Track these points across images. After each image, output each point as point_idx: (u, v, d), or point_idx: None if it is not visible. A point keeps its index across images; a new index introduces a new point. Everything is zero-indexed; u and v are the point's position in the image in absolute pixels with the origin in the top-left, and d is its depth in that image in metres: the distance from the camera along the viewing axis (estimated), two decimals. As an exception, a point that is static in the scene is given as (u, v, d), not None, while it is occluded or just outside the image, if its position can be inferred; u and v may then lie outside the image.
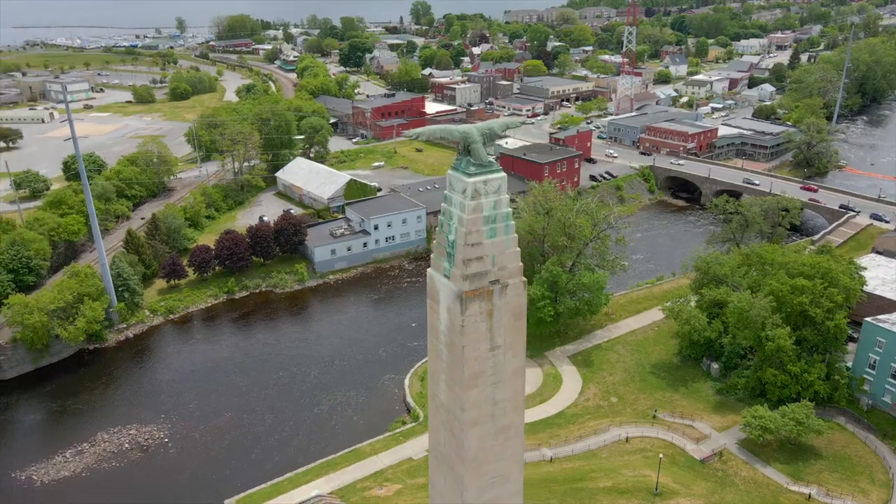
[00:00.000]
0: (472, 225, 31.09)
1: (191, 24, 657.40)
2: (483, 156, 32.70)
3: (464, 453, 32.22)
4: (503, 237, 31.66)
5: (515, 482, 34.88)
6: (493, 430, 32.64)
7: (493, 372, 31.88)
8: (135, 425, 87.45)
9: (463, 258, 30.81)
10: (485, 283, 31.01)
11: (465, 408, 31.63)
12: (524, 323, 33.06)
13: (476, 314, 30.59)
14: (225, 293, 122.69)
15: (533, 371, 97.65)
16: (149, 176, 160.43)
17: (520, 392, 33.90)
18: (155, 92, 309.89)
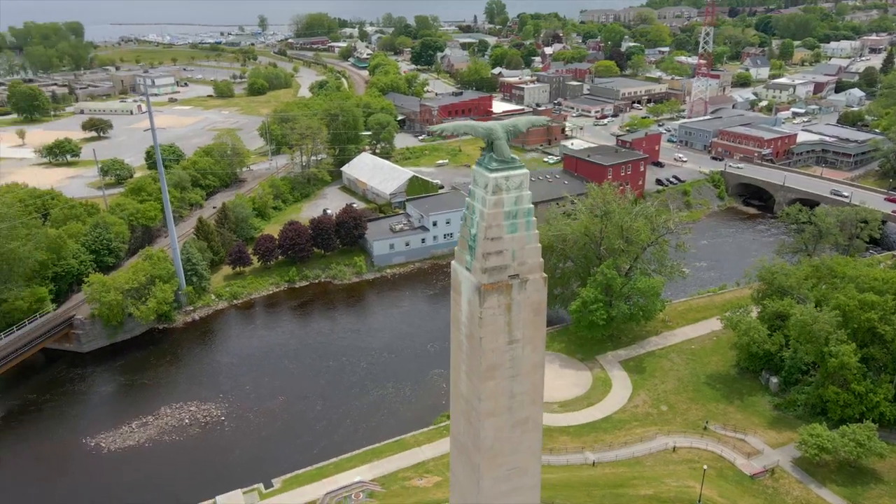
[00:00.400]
0: (492, 219, 31.73)
1: (272, 22, 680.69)
2: (506, 152, 33.24)
3: (480, 443, 32.89)
4: (524, 233, 32.18)
5: (533, 475, 35.19)
6: (510, 422, 33.14)
7: (511, 365, 32.38)
8: (195, 402, 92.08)
9: (483, 252, 31.51)
10: (504, 277, 31.58)
11: (482, 398, 32.28)
12: (544, 318, 33.35)
13: (494, 307, 31.20)
14: (286, 282, 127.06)
15: (582, 374, 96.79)
16: (222, 167, 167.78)
17: (538, 386, 34.20)
18: (234, 87, 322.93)
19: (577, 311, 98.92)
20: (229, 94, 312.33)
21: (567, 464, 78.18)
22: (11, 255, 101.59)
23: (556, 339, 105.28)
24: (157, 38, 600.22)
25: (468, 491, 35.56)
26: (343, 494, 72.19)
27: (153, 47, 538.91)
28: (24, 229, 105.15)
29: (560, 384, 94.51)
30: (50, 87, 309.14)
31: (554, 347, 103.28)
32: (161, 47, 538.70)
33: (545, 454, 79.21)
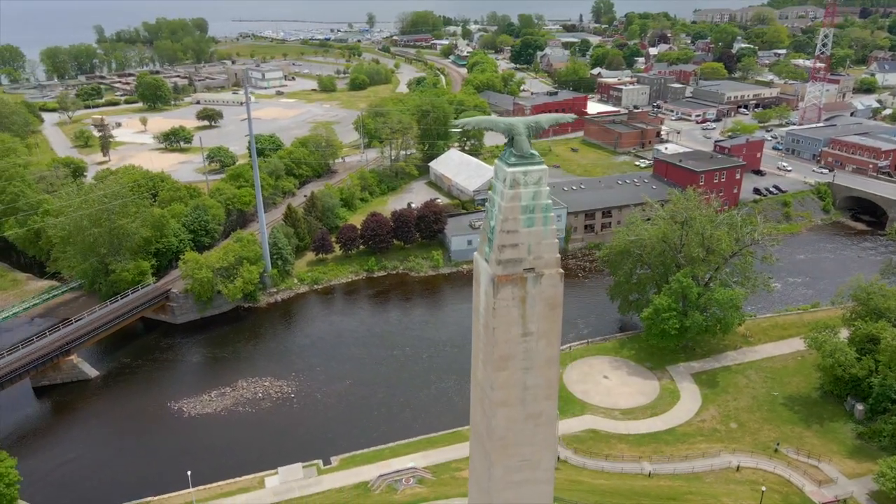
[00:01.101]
0: (508, 213, 32.45)
1: (380, 20, 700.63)
2: (525, 147, 33.68)
3: (492, 431, 33.59)
4: (541, 227, 32.66)
5: (546, 469, 35.43)
6: (522, 414, 33.60)
7: (525, 357, 32.87)
8: (269, 378, 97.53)
9: (499, 244, 32.36)
10: (518, 270, 32.16)
11: (495, 387, 33.00)
12: (559, 314, 33.51)
13: (508, 299, 31.85)
14: (365, 271, 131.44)
15: (650, 383, 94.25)
16: (316, 158, 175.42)
17: (553, 381, 34.39)
18: (337, 82, 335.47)
19: (648, 318, 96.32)
20: (332, 88, 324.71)
21: (622, 472, 76.69)
22: (121, 230, 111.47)
23: (627, 346, 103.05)
24: (272, 34, 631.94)
25: (482, 477, 36.36)
26: (395, 478, 74.46)
27: (268, 43, 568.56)
28: (133, 207, 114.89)
29: (625, 391, 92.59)
30: (173, 79, 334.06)
31: (623, 354, 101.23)
32: (275, 43, 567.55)
33: (600, 460, 78.40)
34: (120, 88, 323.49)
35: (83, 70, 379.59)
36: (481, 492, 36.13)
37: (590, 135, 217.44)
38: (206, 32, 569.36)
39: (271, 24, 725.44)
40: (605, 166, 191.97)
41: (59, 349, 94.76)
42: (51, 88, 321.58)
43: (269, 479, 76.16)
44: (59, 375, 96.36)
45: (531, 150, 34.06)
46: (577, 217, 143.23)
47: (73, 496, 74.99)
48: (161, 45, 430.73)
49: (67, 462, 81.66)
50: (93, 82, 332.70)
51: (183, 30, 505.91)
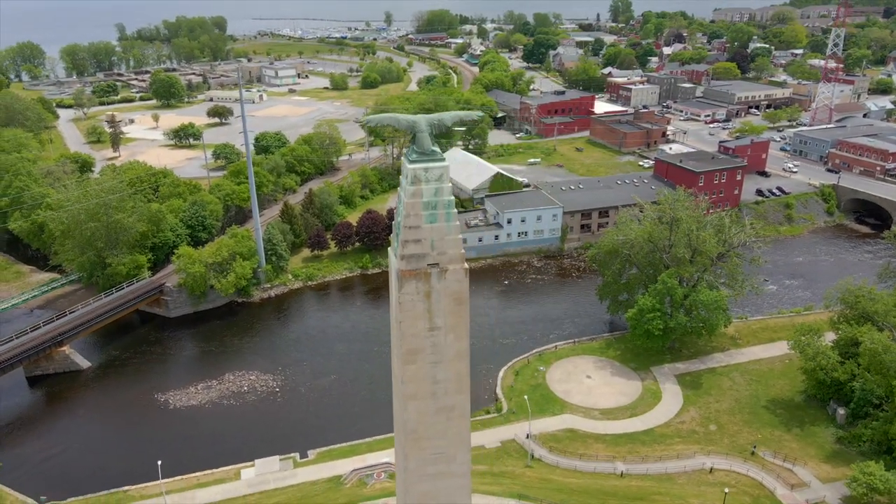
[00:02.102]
0: (410, 209, 33.02)
1: (397, 19, 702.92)
2: (426, 144, 34.19)
3: (404, 424, 34.27)
4: (443, 224, 33.12)
5: (462, 463, 35.98)
6: (434, 407, 34.14)
7: (433, 352, 33.41)
8: (256, 372, 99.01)
9: (402, 239, 32.93)
10: (422, 265, 32.71)
11: (405, 381, 33.66)
12: (466, 309, 34.03)
13: (412, 293, 32.45)
14: (360, 268, 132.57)
15: (632, 384, 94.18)
16: (319, 155, 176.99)
17: (464, 375, 34.94)
18: (349, 80, 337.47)
19: (633, 318, 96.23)
20: (344, 86, 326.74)
21: (594, 471, 76.85)
22: (117, 224, 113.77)
23: (613, 347, 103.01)
24: (290, 32, 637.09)
25: (399, 469, 37.07)
26: (367, 472, 75.44)
27: (285, 41, 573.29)
28: (130, 202, 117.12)
29: (606, 391, 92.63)
30: (188, 76, 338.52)
31: (609, 354, 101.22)
32: (292, 41, 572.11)
33: (574, 459, 78.64)
34: (136, 86, 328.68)
35: (102, 67, 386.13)
36: (400, 484, 36.85)
37: (595, 134, 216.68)
38: (224, 31, 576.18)
39: (290, 23, 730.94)
40: (609, 166, 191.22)
41: (51, 340, 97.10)
42: (69, 85, 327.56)
43: (245, 472, 77.51)
44: (52, 366, 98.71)
45: (433, 147, 34.57)
46: (574, 217, 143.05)
47: (56, 483, 76.82)
48: (178, 42, 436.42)
49: (53, 450, 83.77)
50: (110, 80, 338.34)
51: (201, 28, 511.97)
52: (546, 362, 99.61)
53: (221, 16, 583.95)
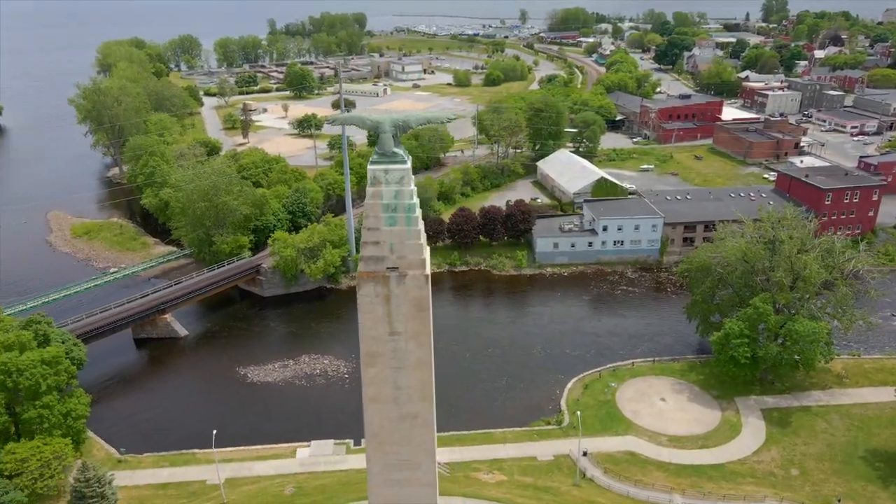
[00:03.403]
0: (369, 210, 32.55)
1: (532, 16, 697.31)
2: (387, 146, 33.19)
3: (367, 427, 33.98)
4: (403, 227, 32.14)
5: (427, 472, 35.07)
6: (396, 413, 33.47)
7: (394, 357, 32.76)
8: (330, 357, 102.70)
9: (362, 240, 32.52)
10: (381, 268, 32.10)
11: (366, 383, 33.42)
12: (428, 316, 32.94)
13: (371, 295, 32.05)
14: (448, 264, 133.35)
15: (710, 413, 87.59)
16: (425, 151, 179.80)
17: (427, 383, 33.89)
18: (472, 77, 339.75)
19: (718, 342, 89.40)
20: (466, 83, 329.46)
21: (647, 500, 72.35)
22: (224, 206, 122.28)
23: (696, 370, 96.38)
24: (426, 29, 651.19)
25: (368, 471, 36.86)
26: (412, 467, 75.75)
27: (419, 37, 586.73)
28: (238, 186, 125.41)
29: (679, 417, 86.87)
30: (322, 69, 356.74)
31: (689, 378, 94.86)
32: (426, 38, 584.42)
33: (628, 485, 74.66)
34: (275, 77, 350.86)
35: (248, 60, 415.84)
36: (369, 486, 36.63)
37: (719, 143, 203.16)
38: (364, 27, 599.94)
39: (426, 20, 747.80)
40: (729, 177, 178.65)
41: (155, 307, 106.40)
42: (218, 75, 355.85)
43: (301, 451, 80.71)
44: (156, 331, 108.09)
45: (394, 149, 33.61)
46: (675, 229, 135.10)
47: (137, 438, 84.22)
48: (318, 37, 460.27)
49: (142, 407, 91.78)
50: (253, 71, 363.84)
51: (342, 24, 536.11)
52: (619, 379, 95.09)
53: (362, 12, 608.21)
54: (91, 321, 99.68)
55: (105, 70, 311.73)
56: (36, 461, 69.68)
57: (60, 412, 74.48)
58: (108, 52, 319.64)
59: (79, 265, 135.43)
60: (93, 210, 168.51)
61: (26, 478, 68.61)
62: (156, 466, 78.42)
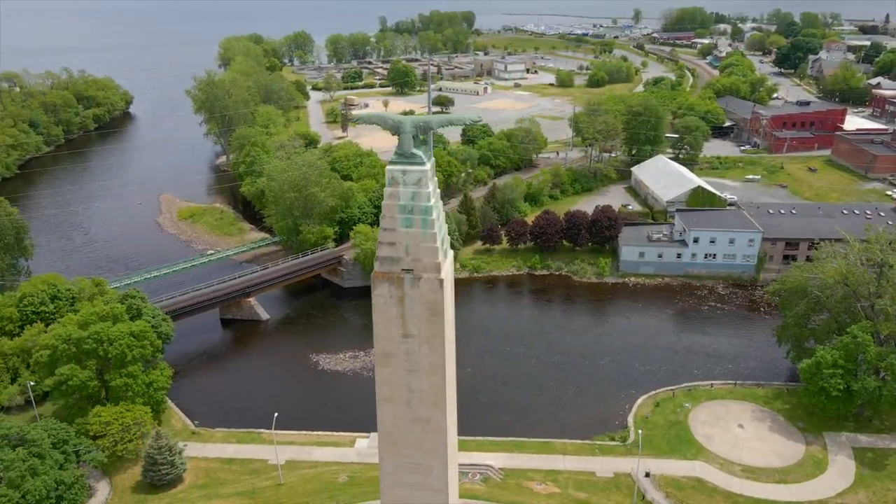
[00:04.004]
0: (386, 210, 32.31)
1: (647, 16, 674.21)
2: (406, 147, 32.53)
3: (379, 426, 33.75)
4: (419, 230, 31.66)
5: (438, 478, 34.32)
6: (409, 416, 33.02)
7: (407, 359, 32.36)
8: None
9: (378, 240, 32.14)
10: (396, 269, 31.75)
11: (379, 382, 33.23)
12: (442, 321, 32.06)
13: (385, 296, 31.73)
14: (528, 267, 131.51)
15: (793, 446, 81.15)
16: (516, 151, 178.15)
17: (440, 388, 33.03)
18: (575, 77, 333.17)
19: (807, 371, 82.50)
20: (569, 83, 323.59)
21: (711, 533, 68.03)
22: (312, 197, 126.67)
23: (782, 399, 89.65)
24: (534, 28, 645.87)
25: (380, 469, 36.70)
26: (464, 470, 75.23)
27: (526, 36, 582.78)
28: (326, 178, 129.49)
29: (756, 447, 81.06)
30: (426, 66, 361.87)
31: (774, 406, 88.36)
32: (533, 37, 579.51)
33: (690, 512, 70.46)
34: (379, 73, 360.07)
35: (357, 56, 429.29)
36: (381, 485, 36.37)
37: (838, 154, 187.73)
38: (472, 25, 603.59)
39: (535, 19, 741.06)
40: (845, 192, 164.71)
41: (241, 290, 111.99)
42: (326, 71, 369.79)
43: (360, 441, 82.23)
44: (240, 313, 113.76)
45: (413, 150, 32.91)
46: (776, 245, 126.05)
47: (212, 411, 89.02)
48: (424, 35, 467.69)
49: (221, 384, 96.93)
50: (359, 67, 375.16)
51: (450, 22, 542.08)
52: (695, 399, 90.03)
53: (471, 11, 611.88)
54: (182, 299, 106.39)
55: (225, 64, 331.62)
56: (118, 425, 75.13)
57: (144, 382, 79.85)
58: (228, 47, 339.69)
59: (181, 246, 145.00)
60: (199, 195, 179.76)
61: (108, 440, 74.14)
62: (224, 441, 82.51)
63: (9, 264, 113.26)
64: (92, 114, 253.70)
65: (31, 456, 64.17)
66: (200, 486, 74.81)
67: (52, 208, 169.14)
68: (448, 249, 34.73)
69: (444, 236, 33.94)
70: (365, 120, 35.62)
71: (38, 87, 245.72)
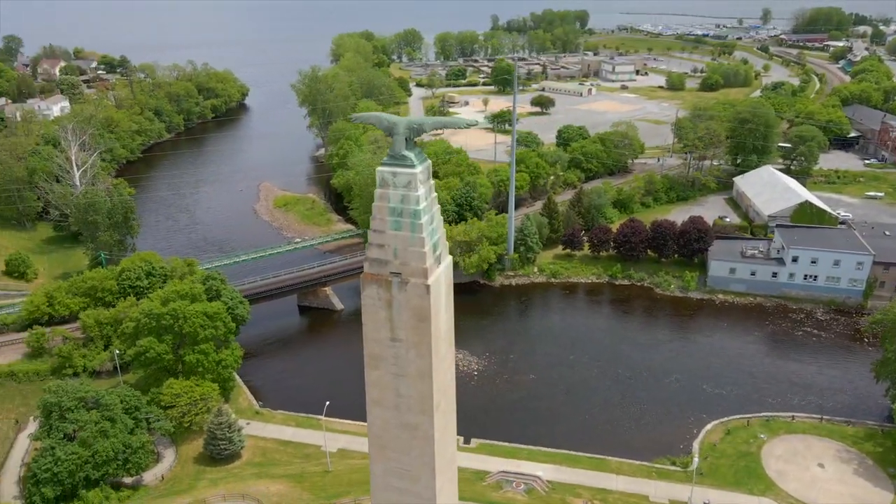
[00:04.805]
0: (376, 211, 31.90)
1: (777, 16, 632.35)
2: (398, 148, 31.73)
3: (369, 428, 33.43)
4: (408, 233, 31.04)
5: (426, 486, 33.54)
6: (397, 421, 32.65)
7: (395, 363, 31.98)
8: (464, 352, 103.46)
9: (368, 241, 31.85)
10: (385, 272, 31.37)
11: (369, 385, 32.95)
12: (429, 327, 31.11)
13: (374, 297, 31.44)
14: (608, 275, 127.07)
15: (880, 493, 73.62)
16: (611, 156, 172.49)
17: (427, 396, 32.15)
18: (687, 80, 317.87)
19: (903, 412, 74.52)
20: (680, 86, 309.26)
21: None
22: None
23: (873, 440, 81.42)
24: (650, 28, 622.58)
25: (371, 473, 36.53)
26: (510, 478, 73.97)
27: (641, 37, 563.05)
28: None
29: (837, 490, 74.09)
30: (531, 66, 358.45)
31: (863, 447, 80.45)
32: (649, 37, 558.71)
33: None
34: (484, 72, 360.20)
35: (464, 54, 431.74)
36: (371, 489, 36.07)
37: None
38: (585, 25, 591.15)
39: (653, 18, 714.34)
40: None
41: (317, 280, 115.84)
42: (432, 68, 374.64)
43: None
44: (316, 301, 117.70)
45: (404, 152, 32.03)
46: (889, 271, 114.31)
47: (277, 393, 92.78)
48: (533, 34, 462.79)
49: (289, 368, 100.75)
50: (464, 64, 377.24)
51: (562, 21, 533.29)
52: (772, 431, 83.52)
53: (585, 10, 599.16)
54: (262, 284, 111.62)
55: (336, 59, 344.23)
56: (187, 398, 79.91)
57: (214, 360, 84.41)
58: (340, 44, 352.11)
59: (272, 233, 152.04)
60: (296, 184, 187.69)
61: (177, 411, 79.04)
62: (284, 424, 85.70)
63: (116, 240, 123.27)
64: (210, 104, 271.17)
65: (103, 419, 69.57)
66: (255, 464, 78.14)
67: (165, 190, 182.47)
68: (443, 255, 34.01)
69: (436, 241, 33.28)
70: (363, 120, 35.49)
71: (165, 79, 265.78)
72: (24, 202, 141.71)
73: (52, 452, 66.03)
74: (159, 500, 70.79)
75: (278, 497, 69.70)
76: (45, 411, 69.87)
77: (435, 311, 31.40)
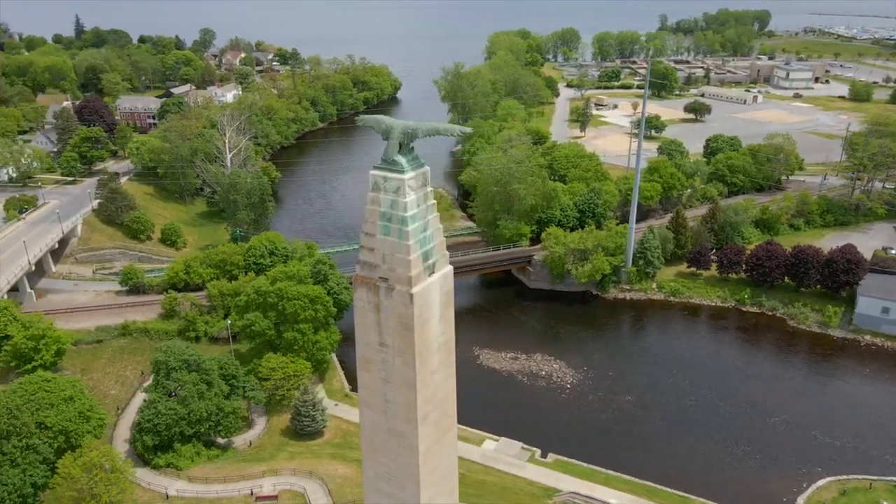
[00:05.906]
0: (368, 215, 31.58)
1: None
2: (390, 153, 30.59)
3: (361, 430, 33.27)
4: (395, 239, 30.18)
5: (411, 495, 32.58)
6: (386, 426, 32.35)
7: (383, 368, 31.58)
8: (561, 363, 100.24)
9: (360, 244, 31.25)
10: (374, 276, 30.93)
11: (360, 387, 32.81)
12: (413, 335, 29.87)
13: (364, 300, 31.15)
14: (735, 300, 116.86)
15: None
16: (761, 171, 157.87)
17: (412, 406, 31.00)
18: (876, 91, 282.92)
19: None
20: (865, 97, 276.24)
21: None
22: (513, 192, 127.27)
23: None
24: (843, 31, 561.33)
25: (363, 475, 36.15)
26: (578, 501, 70.51)
27: (831, 40, 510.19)
28: (531, 176, 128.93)
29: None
30: (694, 69, 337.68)
31: None
32: (839, 41, 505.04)
33: None
34: (641, 74, 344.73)
35: (623, 55, 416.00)
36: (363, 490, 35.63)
37: None
38: (764, 26, 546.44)
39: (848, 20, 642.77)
40: None
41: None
42: (586, 68, 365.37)
43: (488, 443, 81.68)
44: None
45: (395, 157, 30.80)
46: None
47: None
48: (700, 35, 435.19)
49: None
50: (620, 66, 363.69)
51: (737, 21, 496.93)
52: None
53: (766, 10, 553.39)
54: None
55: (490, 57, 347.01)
56: (281, 373, 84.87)
57: (311, 340, 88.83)
58: (494, 41, 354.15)
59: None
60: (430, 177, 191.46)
61: (271, 383, 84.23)
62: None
63: (252, 219, 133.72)
64: (363, 97, 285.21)
65: (201, 381, 75.85)
66: (334, 444, 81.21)
67: (310, 175, 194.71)
68: (438, 264, 32.84)
69: (428, 250, 32.20)
70: (365, 122, 35.20)
71: (325, 71, 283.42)
72: (185, 178, 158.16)
73: (154, 406, 73.22)
74: (241, 463, 75.94)
75: (342, 480, 71.91)
76: (156, 368, 77.53)
77: (421, 320, 30.53)
